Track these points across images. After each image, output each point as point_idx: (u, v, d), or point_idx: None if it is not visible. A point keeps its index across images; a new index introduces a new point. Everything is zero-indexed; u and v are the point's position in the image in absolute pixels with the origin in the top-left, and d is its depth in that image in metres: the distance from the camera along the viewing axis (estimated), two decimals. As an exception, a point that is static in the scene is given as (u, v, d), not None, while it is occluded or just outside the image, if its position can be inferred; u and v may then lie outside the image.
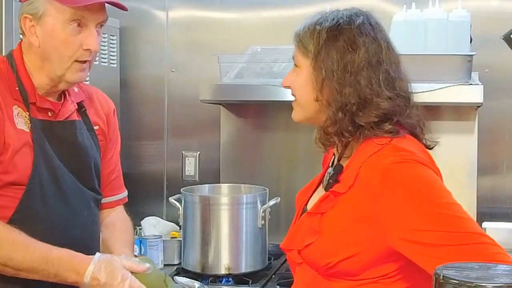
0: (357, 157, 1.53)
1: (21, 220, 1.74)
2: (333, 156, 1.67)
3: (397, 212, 1.42)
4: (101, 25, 1.83)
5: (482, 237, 1.40)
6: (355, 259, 1.48)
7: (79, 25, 1.77)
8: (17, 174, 1.74)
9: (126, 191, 2.12)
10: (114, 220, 2.04)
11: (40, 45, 1.78)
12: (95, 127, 1.96)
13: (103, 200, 2.01)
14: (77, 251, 1.74)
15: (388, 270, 1.49)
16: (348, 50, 1.53)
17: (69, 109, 1.88)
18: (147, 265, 1.73)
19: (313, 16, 1.61)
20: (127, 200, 2.12)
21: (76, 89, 1.93)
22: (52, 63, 1.79)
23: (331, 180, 1.57)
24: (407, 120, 1.56)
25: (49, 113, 1.84)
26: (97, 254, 1.74)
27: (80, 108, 1.93)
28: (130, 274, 1.69)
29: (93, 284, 1.67)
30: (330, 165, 1.67)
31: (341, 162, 1.60)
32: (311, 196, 1.69)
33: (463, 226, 1.40)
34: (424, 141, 1.59)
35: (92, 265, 1.68)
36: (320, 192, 1.64)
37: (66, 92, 1.89)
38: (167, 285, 1.77)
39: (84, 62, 1.80)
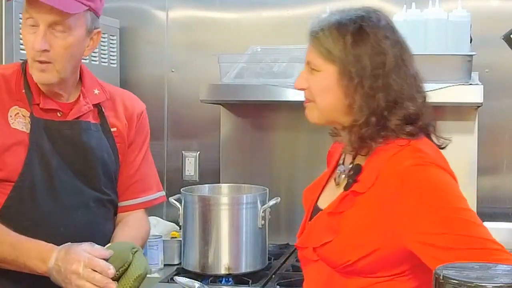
0: (377, 157, 1.54)
1: (8, 216, 1.78)
2: (342, 154, 1.68)
3: (413, 214, 1.44)
4: (55, 27, 1.77)
5: (491, 243, 1.41)
6: (372, 258, 1.50)
7: (33, 26, 1.77)
8: (6, 171, 1.78)
9: (154, 194, 2.09)
10: (128, 219, 2.02)
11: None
12: (113, 129, 1.96)
13: (123, 203, 2.01)
14: None
15: (404, 268, 1.51)
16: (376, 54, 1.52)
17: (81, 110, 1.90)
18: (110, 251, 1.73)
19: (327, 17, 1.58)
20: (151, 204, 2.09)
21: (96, 91, 1.94)
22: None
23: (350, 180, 1.57)
24: (424, 122, 1.57)
25: (58, 113, 1.87)
26: (67, 243, 1.75)
27: (98, 110, 1.94)
28: (88, 255, 1.69)
29: (56, 269, 1.69)
30: (341, 162, 1.68)
31: (357, 161, 1.60)
32: (320, 193, 1.70)
33: (473, 231, 1.42)
34: (436, 140, 1.61)
35: (56, 252, 1.71)
36: (331, 189, 1.65)
37: (81, 94, 1.91)
38: (133, 254, 1.75)
39: (43, 62, 1.79)
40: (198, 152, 3.34)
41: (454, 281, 0.95)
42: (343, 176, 1.62)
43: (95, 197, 1.92)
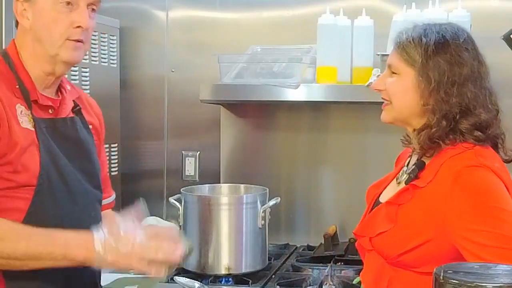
0: (440, 157, 1.65)
1: (33, 221, 1.69)
2: (410, 157, 1.79)
3: (458, 210, 1.55)
4: (93, 9, 1.81)
5: None
6: (421, 251, 1.60)
7: (69, 4, 1.76)
8: (27, 174, 1.70)
9: (114, 194, 2.11)
10: (109, 217, 1.99)
11: (32, 27, 1.77)
12: (90, 126, 1.93)
13: (103, 202, 1.98)
14: None
15: None
16: (455, 64, 1.65)
17: (68, 106, 1.86)
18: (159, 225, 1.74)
19: (413, 27, 1.72)
20: (114, 204, 2.09)
21: (69, 87, 1.91)
22: (44, 44, 1.77)
23: (411, 175, 1.68)
24: (493, 131, 1.68)
25: (49, 110, 1.81)
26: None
27: (75, 106, 1.90)
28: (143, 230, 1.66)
29: (106, 251, 1.62)
30: (406, 164, 1.79)
31: (423, 160, 1.70)
32: (383, 190, 1.82)
33: (510, 232, 1.49)
34: (503, 154, 1.71)
35: (97, 233, 1.64)
36: (393, 187, 1.77)
37: (62, 89, 1.87)
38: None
39: (77, 41, 1.78)
40: (198, 152, 3.34)
41: (454, 281, 0.95)
42: (405, 175, 1.73)
43: (97, 197, 1.90)
